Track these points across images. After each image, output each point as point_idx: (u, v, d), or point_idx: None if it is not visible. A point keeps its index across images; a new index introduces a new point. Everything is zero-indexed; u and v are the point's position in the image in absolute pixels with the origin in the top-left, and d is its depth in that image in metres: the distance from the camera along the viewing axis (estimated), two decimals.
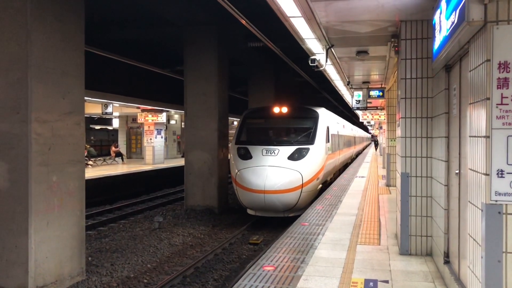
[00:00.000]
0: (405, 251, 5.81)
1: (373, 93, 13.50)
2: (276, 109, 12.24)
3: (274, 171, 10.49)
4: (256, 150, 11.03)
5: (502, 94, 2.99)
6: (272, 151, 10.90)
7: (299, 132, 12.08)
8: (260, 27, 9.18)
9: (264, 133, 12.41)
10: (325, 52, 7.67)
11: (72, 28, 7.06)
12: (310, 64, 8.20)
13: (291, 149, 10.96)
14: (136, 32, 14.32)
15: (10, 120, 6.39)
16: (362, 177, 16.14)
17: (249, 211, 11.38)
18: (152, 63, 16.75)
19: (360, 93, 14.54)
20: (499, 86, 2.99)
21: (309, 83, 19.09)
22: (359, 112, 26.33)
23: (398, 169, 6.21)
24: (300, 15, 5.69)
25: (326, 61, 7.93)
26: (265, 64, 19.71)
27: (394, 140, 12.94)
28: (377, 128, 38.50)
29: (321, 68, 8.54)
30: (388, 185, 13.33)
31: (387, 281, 4.77)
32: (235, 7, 7.55)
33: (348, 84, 13.23)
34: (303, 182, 10.58)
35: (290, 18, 5.93)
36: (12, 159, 6.38)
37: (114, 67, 16.38)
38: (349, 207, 9.52)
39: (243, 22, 8.20)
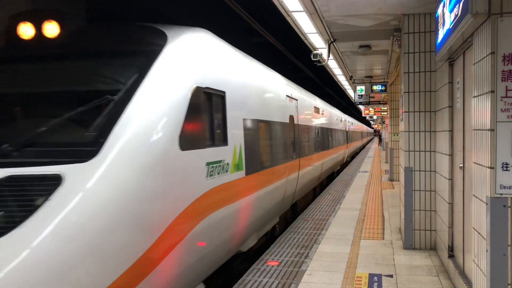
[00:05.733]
0: (409, 246, 5.81)
1: (376, 87, 13.47)
2: (25, 30, 3.80)
3: None
4: None
5: (506, 87, 2.97)
6: None
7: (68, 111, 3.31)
8: (261, 22, 9.14)
9: None
10: (327, 46, 7.63)
11: None
12: (313, 59, 8.17)
13: None
14: None
15: None
16: (365, 172, 16.12)
17: None
18: None
19: (363, 87, 14.53)
20: (503, 79, 2.97)
21: (311, 78, 19.05)
22: (361, 107, 26.33)
23: (402, 163, 6.20)
24: (302, 9, 5.67)
25: (329, 55, 7.89)
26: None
27: (397, 135, 12.92)
28: (379, 123, 38.43)
29: (323, 63, 8.50)
30: (391, 179, 13.32)
31: (391, 276, 4.77)
32: (237, 3, 7.51)
33: (350, 79, 13.18)
34: None
35: (292, 13, 5.91)
36: None
37: None
38: (353, 202, 9.51)
39: (245, 18, 8.16)
